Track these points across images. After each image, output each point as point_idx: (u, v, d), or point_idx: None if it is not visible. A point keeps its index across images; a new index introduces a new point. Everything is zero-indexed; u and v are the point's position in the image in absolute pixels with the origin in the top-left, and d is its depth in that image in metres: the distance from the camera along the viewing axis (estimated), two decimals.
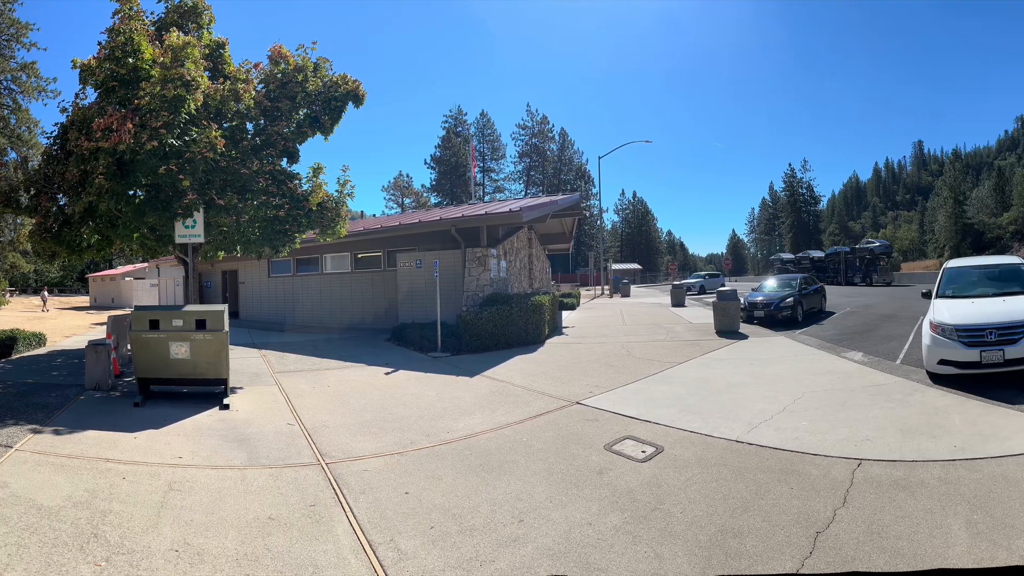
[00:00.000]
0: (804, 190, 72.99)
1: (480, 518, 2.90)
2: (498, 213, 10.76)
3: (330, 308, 11.59)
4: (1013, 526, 2.60)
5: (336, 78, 6.59)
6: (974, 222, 46.56)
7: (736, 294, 11.44)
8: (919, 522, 2.87)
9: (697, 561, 2.56)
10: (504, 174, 58.57)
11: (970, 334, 5.77)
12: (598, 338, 10.42)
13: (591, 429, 4.70)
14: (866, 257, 33.85)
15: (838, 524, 2.92)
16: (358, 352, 8.32)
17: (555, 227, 16.72)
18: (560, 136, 59.75)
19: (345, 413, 4.97)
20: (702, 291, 28.24)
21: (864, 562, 2.54)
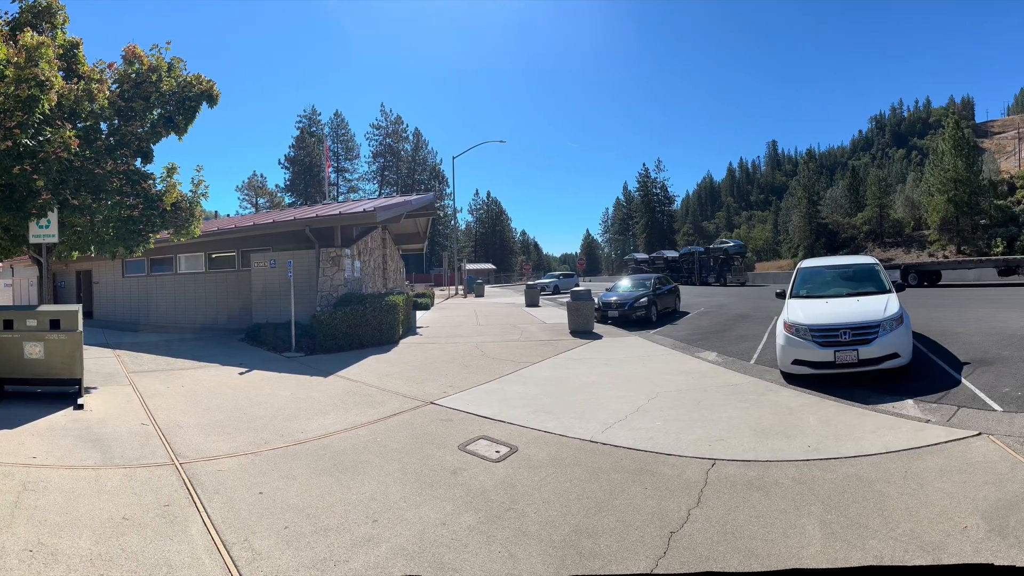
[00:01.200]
0: (658, 190, 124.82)
1: (334, 518, 5.10)
2: (352, 213, 19.05)
3: (185, 308, 21.33)
4: (867, 526, 4.70)
5: (190, 78, 11.87)
6: (828, 222, 78.99)
7: (590, 294, 19.00)
8: (773, 522, 4.87)
9: (551, 561, 4.35)
10: (358, 174, 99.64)
11: (824, 334, 9.77)
12: (452, 338, 17.75)
13: (445, 429, 8.01)
14: (720, 257, 48.86)
15: (692, 524, 4.89)
16: (213, 352, 15.03)
17: (409, 227, 28.58)
18: (414, 136, 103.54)
19: (199, 413, 9.07)
20: (556, 291, 45.58)
21: (718, 562, 4.27)
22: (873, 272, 12.11)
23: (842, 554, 4.30)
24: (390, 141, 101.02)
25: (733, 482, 5.82)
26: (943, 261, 50.55)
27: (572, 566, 4.28)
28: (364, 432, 8.01)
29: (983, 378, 9.39)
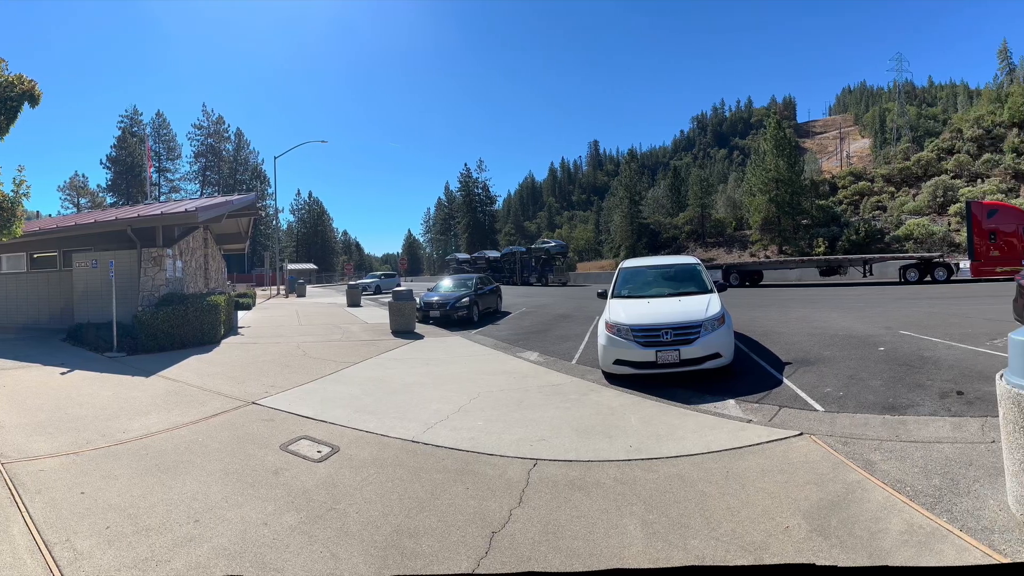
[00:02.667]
0: (480, 190, 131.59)
1: (156, 518, 5.49)
2: (174, 213, 20.51)
3: (6, 308, 22.27)
4: (688, 526, 5.05)
5: (12, 78, 13.07)
6: (650, 222, 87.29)
7: (412, 294, 20.70)
8: (595, 522, 5.16)
9: (373, 561, 4.64)
10: (180, 174, 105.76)
11: (646, 334, 10.45)
12: (274, 338, 18.66)
13: (267, 429, 8.46)
14: (542, 257, 51.26)
15: (514, 524, 5.19)
16: (33, 352, 15.72)
17: (231, 227, 30.36)
18: (236, 136, 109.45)
19: (20, 413, 9.48)
20: (378, 291, 48.62)
21: (540, 562, 4.55)
22: (695, 272, 13.08)
23: (664, 554, 4.55)
24: (212, 141, 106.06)
25: (555, 482, 6.10)
26: (765, 261, 54.95)
27: (394, 566, 4.55)
28: (186, 432, 8.37)
29: (805, 378, 10.27)
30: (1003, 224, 32.57)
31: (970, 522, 4.79)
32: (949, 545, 4.47)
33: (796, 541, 4.65)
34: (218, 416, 9.19)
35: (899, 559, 4.34)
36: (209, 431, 8.39)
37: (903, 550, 4.45)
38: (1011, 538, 4.49)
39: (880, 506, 5.22)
